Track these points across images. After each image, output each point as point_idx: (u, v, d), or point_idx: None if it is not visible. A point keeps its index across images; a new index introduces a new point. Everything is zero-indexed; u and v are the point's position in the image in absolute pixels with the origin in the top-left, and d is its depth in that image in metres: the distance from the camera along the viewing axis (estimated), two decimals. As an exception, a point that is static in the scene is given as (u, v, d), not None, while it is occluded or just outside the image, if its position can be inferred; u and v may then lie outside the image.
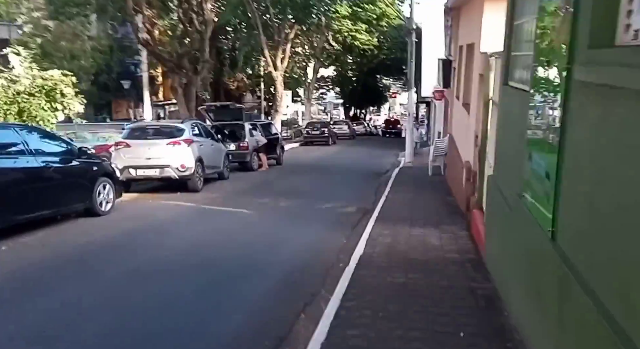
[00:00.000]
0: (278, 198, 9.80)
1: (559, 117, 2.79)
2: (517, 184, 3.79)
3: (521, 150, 3.66)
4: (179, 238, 6.71)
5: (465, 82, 9.53)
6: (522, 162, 3.59)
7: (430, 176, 13.24)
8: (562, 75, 2.74)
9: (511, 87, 4.75)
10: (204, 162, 10.60)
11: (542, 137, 3.18)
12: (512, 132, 4.51)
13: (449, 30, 14.22)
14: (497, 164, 5.21)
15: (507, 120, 4.87)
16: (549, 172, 2.95)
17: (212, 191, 10.59)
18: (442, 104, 17.87)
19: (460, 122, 10.01)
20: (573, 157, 2.58)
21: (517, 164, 3.80)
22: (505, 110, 5.02)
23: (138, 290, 4.66)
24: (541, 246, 3.04)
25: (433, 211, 8.35)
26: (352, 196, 10.53)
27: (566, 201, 2.66)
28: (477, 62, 7.55)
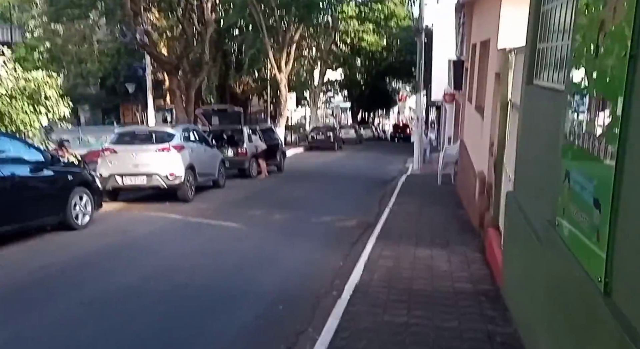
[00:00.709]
0: (273, 210, 9.05)
1: (614, 122, 2.00)
2: (547, 207, 2.99)
3: (553, 164, 2.86)
4: (155, 257, 5.97)
5: (479, 84, 8.73)
6: (554, 179, 2.79)
7: (440, 185, 12.41)
8: (623, 66, 1.94)
9: (538, 87, 3.96)
10: (195, 169, 9.91)
11: (587, 148, 2.38)
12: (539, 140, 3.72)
13: (461, 29, 13.43)
14: (518, 179, 4.41)
15: (532, 125, 4.07)
16: (599, 198, 2.15)
17: (203, 201, 9.87)
18: (453, 108, 17.04)
19: (472, 127, 9.20)
20: (637, 178, 1.79)
21: (548, 182, 3.01)
22: (530, 114, 4.21)
23: (87, 327, 3.92)
24: (587, 299, 2.24)
25: (441, 226, 7.53)
26: (354, 207, 9.75)
27: (626, 241, 1.87)
28: (493, 60, 6.75)
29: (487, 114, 6.97)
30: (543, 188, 3.25)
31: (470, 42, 10.73)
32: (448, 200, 10.10)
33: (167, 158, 9.23)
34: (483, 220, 6.61)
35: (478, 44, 8.89)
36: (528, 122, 4.27)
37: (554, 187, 2.79)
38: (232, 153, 13.47)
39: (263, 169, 14.12)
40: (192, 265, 5.60)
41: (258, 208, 9.19)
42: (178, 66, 16.03)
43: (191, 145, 10.15)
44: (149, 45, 15.19)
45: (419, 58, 17.76)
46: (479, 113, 8.12)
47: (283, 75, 24.55)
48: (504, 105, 5.68)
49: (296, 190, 11.95)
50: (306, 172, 16.39)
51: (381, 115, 68.78)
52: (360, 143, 33.54)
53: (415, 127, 18.21)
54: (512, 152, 5.14)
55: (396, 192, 11.40)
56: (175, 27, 18.92)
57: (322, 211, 9.20)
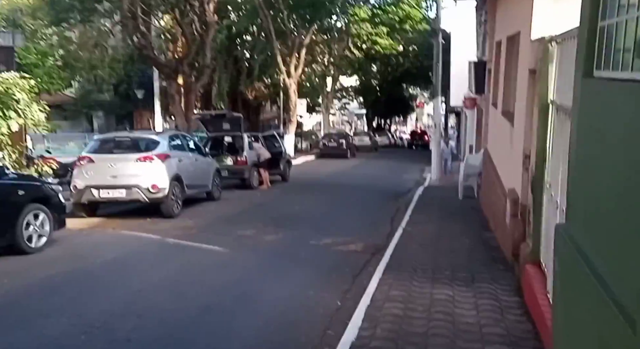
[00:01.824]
0: (267, 228, 7.89)
1: None
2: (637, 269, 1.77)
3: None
4: (106, 295, 4.83)
5: (506, 85, 7.49)
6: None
7: (461, 199, 11.11)
8: None
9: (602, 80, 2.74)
10: (183, 180, 8.84)
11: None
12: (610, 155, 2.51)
13: (483, 27, 12.20)
14: (574, 209, 3.16)
15: (597, 133, 2.84)
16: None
17: (191, 216, 8.78)
18: (474, 114, 15.71)
19: (499, 135, 7.93)
20: None
21: (634, 222, 1.80)
22: (592, 117, 2.97)
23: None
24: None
25: (465, 254, 6.27)
26: (362, 225, 8.55)
27: None
28: (526, 54, 5.50)
29: (519, 120, 5.73)
30: (626, 234, 2.04)
31: (493, 40, 9.48)
32: (471, 219, 8.82)
33: (149, 169, 8.18)
34: (517, 250, 5.34)
35: (504, 40, 7.64)
36: (589, 128, 3.02)
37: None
38: (231, 162, 12.40)
39: (265, 179, 13.00)
40: (148, 307, 4.45)
41: (251, 225, 8.05)
42: (177, 70, 15.09)
43: (179, 153, 9.09)
44: (146, 48, 14.30)
45: (435, 61, 16.51)
46: (507, 119, 6.87)
47: (292, 80, 23.56)
48: (543, 108, 4.44)
49: (299, 203, 10.79)
50: (314, 182, 15.22)
51: (398, 122, 67.50)
52: (375, 151, 32.32)
53: (433, 134, 16.91)
54: (557, 168, 3.91)
55: (411, 207, 10.15)
56: (173, 29, 18.03)
57: (324, 230, 8.03)
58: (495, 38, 8.90)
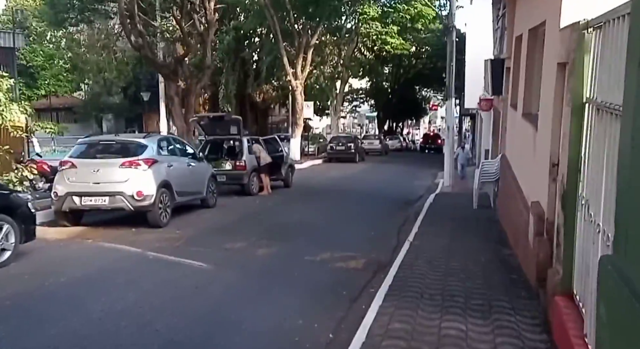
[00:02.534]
0: (261, 240, 7.17)
1: None
2: None
3: None
4: (63, 322, 4.14)
5: (527, 84, 6.70)
6: None
7: (476, 208, 10.29)
8: None
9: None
10: (173, 187, 8.18)
11: None
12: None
13: (501, 22, 11.39)
14: (629, 237, 2.40)
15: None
16: None
17: (180, 225, 8.10)
18: (490, 116, 14.85)
19: (519, 140, 7.14)
20: None
21: None
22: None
23: None
24: None
25: (480, 276, 5.49)
26: (366, 237, 7.80)
27: None
28: (553, 46, 4.72)
29: (544, 123, 4.95)
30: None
31: (512, 35, 8.69)
32: (487, 232, 8.01)
33: (134, 175, 7.52)
34: (543, 274, 4.56)
35: (525, 33, 6.85)
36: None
37: None
38: (229, 167, 11.73)
39: (266, 185, 12.29)
40: (101, 341, 3.76)
41: (243, 237, 7.34)
42: (176, 70, 14.48)
43: (169, 158, 8.44)
44: (144, 48, 13.73)
45: (449, 61, 15.67)
46: (529, 122, 6.09)
47: (299, 82, 22.88)
48: (576, 107, 3.67)
49: (299, 211, 10.06)
50: (318, 187, 14.48)
51: (410, 125, 66.43)
52: (385, 155, 31.52)
53: (446, 137, 16.07)
54: (596, 181, 3.15)
55: (421, 217, 9.37)
56: (173, 28, 17.40)
57: (323, 242, 7.30)
58: (515, 32, 8.11)
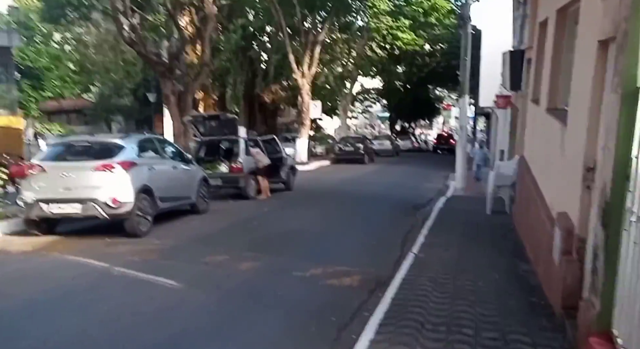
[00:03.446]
0: (246, 252, 6.38)
1: None
2: None
3: None
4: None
5: (554, 74, 5.83)
6: None
7: (490, 215, 9.42)
8: None
9: None
10: (154, 193, 7.44)
11: None
12: None
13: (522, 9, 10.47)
14: None
15: None
16: None
17: (161, 235, 7.34)
18: (507, 115, 13.91)
19: (541, 139, 6.26)
20: None
21: None
22: None
23: None
24: None
25: (493, 299, 4.64)
26: (366, 247, 7.01)
27: None
28: (593, 20, 3.87)
29: (577, 118, 4.10)
30: None
31: (536, 22, 7.80)
32: (502, 242, 7.14)
33: (109, 179, 6.79)
34: (571, 302, 3.72)
35: (552, 16, 5.97)
36: None
37: None
38: (225, 169, 11.00)
39: (264, 188, 11.51)
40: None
41: (228, 247, 6.56)
42: (171, 68, 13.77)
43: (150, 160, 7.69)
44: (137, 43, 13.04)
45: (463, 56, 14.70)
46: (556, 118, 5.23)
47: (306, 80, 22.10)
48: (628, 94, 2.84)
49: (297, 217, 9.25)
50: (322, 190, 13.66)
51: (423, 125, 65.27)
52: (396, 156, 30.60)
53: (459, 137, 15.15)
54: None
55: (429, 224, 8.53)
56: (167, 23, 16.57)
57: (318, 254, 6.52)
58: (539, 17, 7.23)
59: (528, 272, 5.61)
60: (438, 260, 6.03)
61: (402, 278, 5.30)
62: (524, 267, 5.83)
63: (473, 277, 5.32)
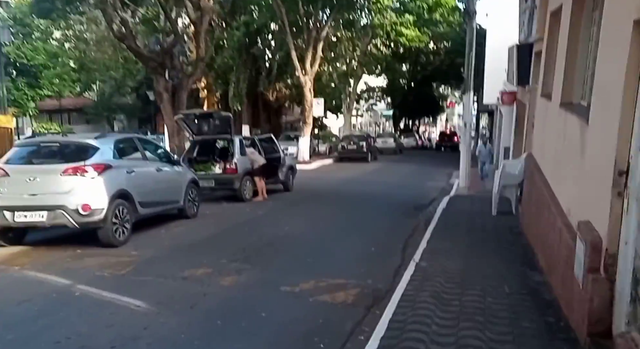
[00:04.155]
0: (232, 263, 5.81)
1: None
2: None
3: None
4: None
5: (569, 65, 5.24)
6: None
7: (495, 216, 8.86)
8: None
9: None
10: (134, 198, 6.85)
11: None
12: None
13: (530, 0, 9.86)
14: None
15: None
16: None
17: (140, 244, 6.71)
18: (512, 111, 13.29)
19: (554, 137, 5.67)
20: None
21: None
22: None
23: None
24: None
25: (504, 319, 4.05)
26: (364, 255, 6.46)
27: None
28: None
29: (603, 113, 3.52)
30: None
31: (546, 12, 7.19)
32: (510, 247, 6.57)
33: (79, 184, 6.16)
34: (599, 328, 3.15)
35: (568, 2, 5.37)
36: None
37: None
38: (219, 170, 10.43)
39: (261, 190, 10.95)
40: None
41: (212, 258, 5.98)
42: (164, 63, 13.18)
43: (130, 162, 7.08)
44: (127, 38, 12.46)
45: (468, 51, 14.09)
46: (573, 113, 4.64)
47: (308, 77, 21.50)
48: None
49: (292, 221, 8.67)
50: (322, 191, 13.09)
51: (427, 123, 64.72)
52: (399, 154, 30.04)
53: (462, 134, 14.55)
54: None
55: (432, 227, 7.98)
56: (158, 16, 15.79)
57: (311, 264, 5.96)
58: (551, 5, 6.65)
59: (541, 284, 5.04)
60: (441, 270, 5.47)
61: (402, 293, 4.75)
62: (536, 278, 5.26)
63: (480, 291, 4.76)
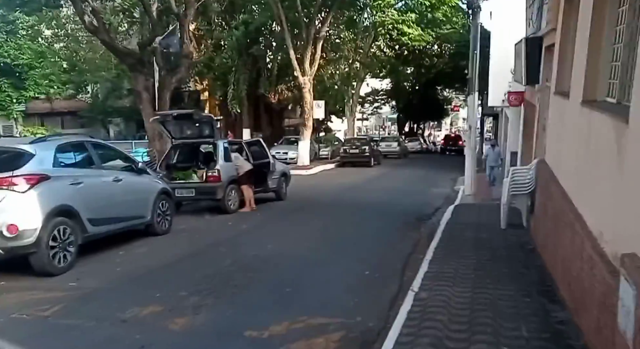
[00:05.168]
0: (191, 297, 4.80)
1: None
2: None
3: None
4: None
5: (593, 56, 4.30)
6: None
7: (504, 229, 7.91)
8: None
9: None
10: (82, 214, 5.82)
11: None
12: None
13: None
14: None
15: None
16: None
17: (86, 271, 5.64)
18: (520, 113, 12.31)
19: (574, 141, 4.71)
20: None
21: None
22: None
23: None
24: None
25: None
26: (355, 281, 5.54)
27: None
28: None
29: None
30: None
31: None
32: (524, 270, 5.61)
33: (5, 200, 5.13)
34: None
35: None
36: None
37: None
38: (198, 179, 9.51)
39: (248, 199, 9.99)
40: None
41: (169, 290, 4.97)
42: (142, 60, 12.26)
43: (77, 171, 6.01)
44: (100, 31, 11.56)
45: (472, 49, 13.23)
46: (604, 112, 3.71)
47: (307, 78, 20.61)
48: None
49: (278, 237, 7.68)
50: (318, 199, 12.11)
51: (432, 127, 63.84)
52: (404, 158, 29.11)
53: (467, 138, 13.61)
54: None
55: (434, 243, 7.04)
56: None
57: (287, 296, 5.02)
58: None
59: (566, 324, 4.09)
60: (444, 304, 4.53)
61: (395, 340, 3.81)
62: (558, 314, 4.31)
63: (493, 337, 3.80)
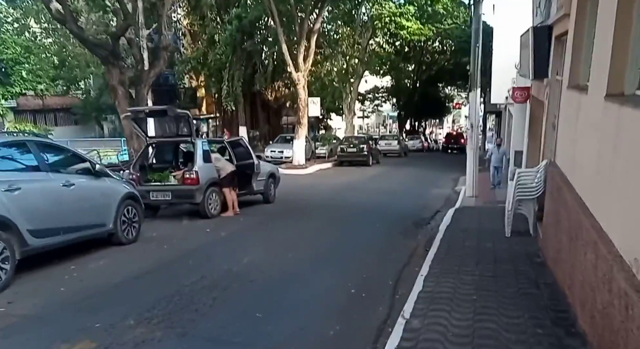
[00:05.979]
0: (136, 328, 4.06)
1: None
2: None
3: None
4: None
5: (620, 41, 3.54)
6: None
7: (509, 237, 7.18)
8: None
9: None
10: (20, 225, 5.08)
11: None
12: None
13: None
14: None
15: None
16: None
17: (23, 291, 4.90)
18: (525, 111, 11.52)
19: (597, 142, 3.95)
20: None
21: None
22: None
23: None
24: None
25: None
26: (339, 303, 4.82)
27: None
28: None
29: None
30: None
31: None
32: (533, 290, 4.85)
33: None
34: None
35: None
36: None
37: None
38: (174, 181, 8.76)
39: (230, 203, 9.26)
40: None
41: (115, 316, 4.23)
42: (116, 52, 11.46)
43: (15, 176, 5.26)
44: (67, 21, 10.73)
45: (474, 42, 12.44)
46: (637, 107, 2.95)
47: (301, 74, 19.84)
48: None
49: (257, 248, 6.92)
50: (310, 202, 11.35)
51: (434, 124, 63.13)
52: (404, 156, 28.41)
53: (469, 136, 12.85)
54: None
55: (432, 254, 6.33)
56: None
57: (255, 324, 4.26)
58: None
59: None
60: (440, 336, 3.81)
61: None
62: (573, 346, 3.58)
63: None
